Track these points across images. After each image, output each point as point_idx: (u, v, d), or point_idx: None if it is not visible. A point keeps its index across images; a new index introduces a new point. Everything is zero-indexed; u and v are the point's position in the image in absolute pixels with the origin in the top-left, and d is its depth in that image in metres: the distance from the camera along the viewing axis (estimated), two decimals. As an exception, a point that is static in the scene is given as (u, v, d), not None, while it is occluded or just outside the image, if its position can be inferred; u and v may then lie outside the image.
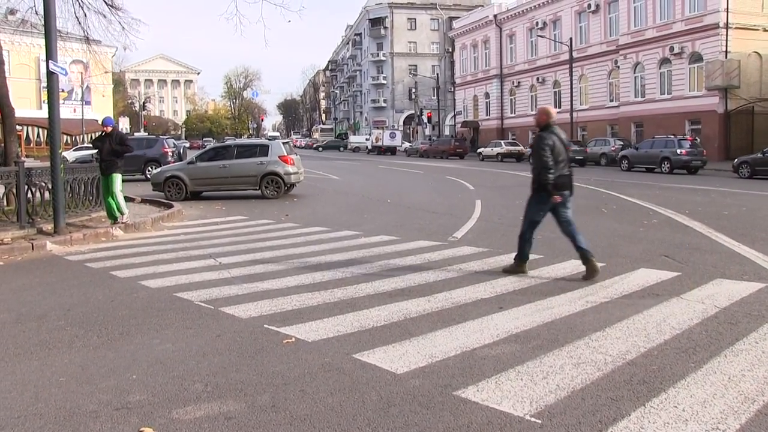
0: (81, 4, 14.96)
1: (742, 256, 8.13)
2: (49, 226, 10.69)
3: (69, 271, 8.11)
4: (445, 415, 3.55)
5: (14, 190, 10.69)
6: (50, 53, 10.39)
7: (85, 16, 15.16)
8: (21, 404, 3.83)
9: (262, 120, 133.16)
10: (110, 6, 15.34)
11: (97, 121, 57.72)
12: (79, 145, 45.59)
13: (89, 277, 7.67)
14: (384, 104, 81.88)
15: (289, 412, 3.64)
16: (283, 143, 18.81)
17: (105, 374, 4.32)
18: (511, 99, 55.64)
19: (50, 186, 10.76)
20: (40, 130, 51.77)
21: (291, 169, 17.55)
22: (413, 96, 72.87)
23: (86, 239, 10.37)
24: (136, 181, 22.95)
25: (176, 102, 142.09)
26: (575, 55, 42.42)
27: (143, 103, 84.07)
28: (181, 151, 29.51)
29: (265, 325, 5.36)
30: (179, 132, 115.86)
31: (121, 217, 11.75)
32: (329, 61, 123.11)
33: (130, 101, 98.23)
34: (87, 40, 16.03)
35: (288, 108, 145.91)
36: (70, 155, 33.11)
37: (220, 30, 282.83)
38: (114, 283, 7.21)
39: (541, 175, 6.95)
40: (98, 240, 10.52)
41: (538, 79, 51.11)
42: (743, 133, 33.47)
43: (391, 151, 61.01)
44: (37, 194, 11.09)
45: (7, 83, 13.21)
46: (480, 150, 47.54)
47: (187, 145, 58.19)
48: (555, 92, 49.42)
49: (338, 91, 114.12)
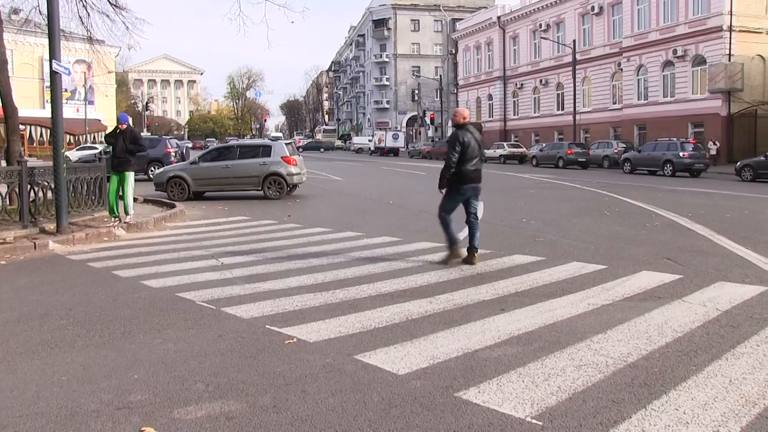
0: (84, 4, 14.96)
1: (744, 260, 8.13)
2: (51, 226, 10.70)
3: (71, 271, 8.12)
4: (446, 417, 3.55)
5: (17, 190, 10.70)
6: (53, 53, 10.41)
7: (89, 15, 15.17)
8: (22, 403, 3.84)
9: (265, 120, 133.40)
10: (114, 6, 15.35)
11: (99, 120, 58.19)
12: (81, 145, 45.73)
13: (91, 276, 7.69)
14: (387, 105, 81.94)
15: (291, 412, 3.64)
16: (286, 144, 18.85)
17: (106, 374, 4.33)
18: (514, 101, 55.64)
19: (53, 185, 10.78)
20: (43, 129, 51.93)
21: (294, 169, 17.57)
22: (416, 97, 72.93)
23: (89, 239, 10.39)
24: (139, 180, 22.82)
25: (179, 102, 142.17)
26: (578, 57, 42.43)
27: (146, 103, 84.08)
28: (184, 151, 29.57)
29: (267, 326, 5.36)
30: (182, 132, 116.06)
31: (126, 217, 11.76)
32: (332, 62, 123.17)
33: (133, 101, 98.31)
34: (90, 39, 16.04)
35: (291, 109, 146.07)
36: (73, 155, 33.20)
37: (224, 30, 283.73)
38: (116, 283, 7.22)
39: (442, 170, 7.86)
40: (101, 240, 10.54)
41: (541, 81, 51.10)
42: (746, 136, 33.45)
43: (394, 152, 61.10)
44: (40, 194, 11.11)
45: (10, 83, 13.23)
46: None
47: (190, 145, 58.33)
48: (558, 94, 49.43)
49: (341, 92, 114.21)
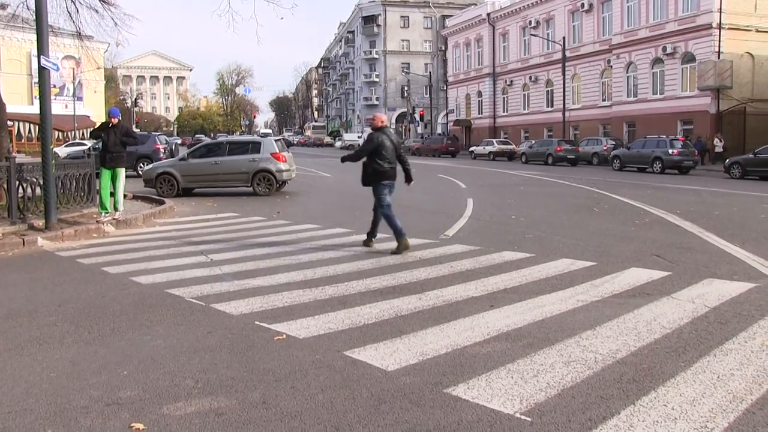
0: (73, 0, 14.85)
1: (733, 256, 8.18)
2: (40, 222, 10.63)
3: (60, 267, 8.07)
4: (435, 413, 3.55)
5: (5, 186, 10.63)
6: (42, 49, 10.33)
7: (77, 11, 15.02)
8: (12, 400, 3.82)
9: (255, 117, 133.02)
10: (103, 1, 15.20)
11: (88, 117, 57.75)
12: (70, 141, 45.39)
13: (80, 273, 7.65)
14: (376, 102, 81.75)
15: (280, 408, 3.64)
16: (275, 140, 18.83)
17: (96, 370, 4.31)
18: (504, 98, 55.69)
19: (41, 182, 10.71)
20: (32, 125, 51.55)
21: (283, 166, 17.56)
22: (406, 94, 72.76)
23: (77, 235, 10.33)
24: (127, 177, 22.72)
25: (168, 98, 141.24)
26: (568, 54, 42.55)
27: (135, 99, 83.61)
28: (173, 147, 29.45)
29: (256, 322, 5.36)
30: (171, 129, 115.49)
31: (116, 213, 11.70)
32: (322, 59, 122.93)
33: (122, 97, 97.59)
34: (79, 35, 15.89)
35: (280, 105, 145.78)
36: (62, 151, 32.96)
37: (213, 27, 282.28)
38: (105, 279, 7.18)
39: (349, 155, 9.06)
40: (89, 236, 10.48)
41: (530, 78, 51.17)
42: (735, 133, 33.61)
43: None
44: (29, 190, 11.04)
45: (-2, 78, 13.12)
46: (472, 149, 47.65)
47: (179, 141, 58.09)
48: (547, 91, 49.54)
49: (331, 89, 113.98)
